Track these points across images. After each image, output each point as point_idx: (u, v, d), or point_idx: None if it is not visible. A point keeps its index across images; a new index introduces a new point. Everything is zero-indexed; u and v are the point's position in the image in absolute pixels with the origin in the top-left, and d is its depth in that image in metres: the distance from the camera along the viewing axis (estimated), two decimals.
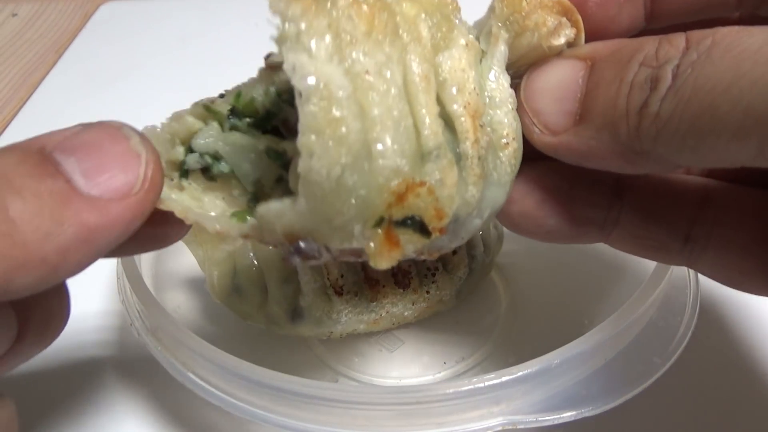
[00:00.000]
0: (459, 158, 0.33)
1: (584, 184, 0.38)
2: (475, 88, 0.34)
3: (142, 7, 1.14)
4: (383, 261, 0.32)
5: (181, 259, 0.59)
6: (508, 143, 0.35)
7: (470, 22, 0.37)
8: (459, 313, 0.58)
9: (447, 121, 0.33)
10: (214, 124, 0.36)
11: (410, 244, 0.32)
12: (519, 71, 0.37)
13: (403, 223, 0.31)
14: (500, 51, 0.35)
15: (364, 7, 0.31)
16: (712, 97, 0.28)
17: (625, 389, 0.42)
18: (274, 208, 0.31)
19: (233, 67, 0.95)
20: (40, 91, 0.95)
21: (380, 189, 0.30)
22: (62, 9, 1.14)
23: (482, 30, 0.36)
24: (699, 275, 0.48)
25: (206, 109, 0.36)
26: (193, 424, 0.52)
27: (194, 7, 1.12)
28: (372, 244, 0.31)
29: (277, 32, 0.30)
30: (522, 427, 0.41)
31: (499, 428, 0.41)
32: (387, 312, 0.54)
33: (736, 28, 0.29)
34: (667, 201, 0.39)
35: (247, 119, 0.36)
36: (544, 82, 0.36)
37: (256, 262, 0.54)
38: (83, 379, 0.56)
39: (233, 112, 0.36)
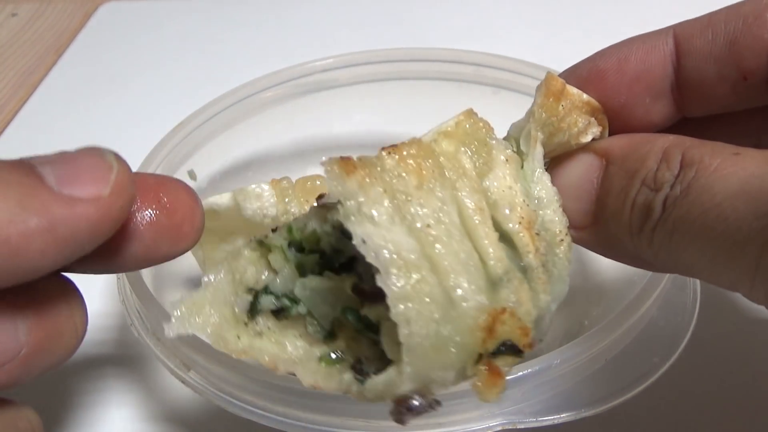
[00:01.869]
0: (525, 271, 0.35)
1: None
2: (524, 200, 0.35)
3: (142, 7, 1.14)
4: (492, 395, 0.33)
5: (181, 259, 0.58)
6: (562, 240, 0.36)
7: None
8: None
9: (506, 239, 0.35)
10: (287, 268, 0.37)
11: (507, 367, 0.33)
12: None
13: (498, 351, 0.33)
14: (539, 152, 0.37)
15: (410, 161, 0.33)
16: (688, 239, 0.31)
17: (625, 389, 0.42)
18: (382, 381, 0.32)
19: (233, 67, 0.96)
20: (40, 91, 0.95)
21: (472, 330, 0.31)
22: (62, 9, 1.14)
23: (521, 132, 0.37)
24: None
25: (260, 245, 0.37)
26: (193, 424, 0.52)
27: (194, 8, 1.12)
28: (479, 383, 0.32)
29: (340, 210, 0.32)
30: (522, 427, 0.41)
31: (499, 428, 0.41)
32: None
33: (719, 160, 0.31)
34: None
35: (312, 254, 0.36)
36: (565, 179, 0.37)
37: None
38: (83, 379, 0.56)
39: (291, 245, 0.37)
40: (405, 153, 0.33)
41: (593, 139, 0.38)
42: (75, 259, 0.32)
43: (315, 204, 0.37)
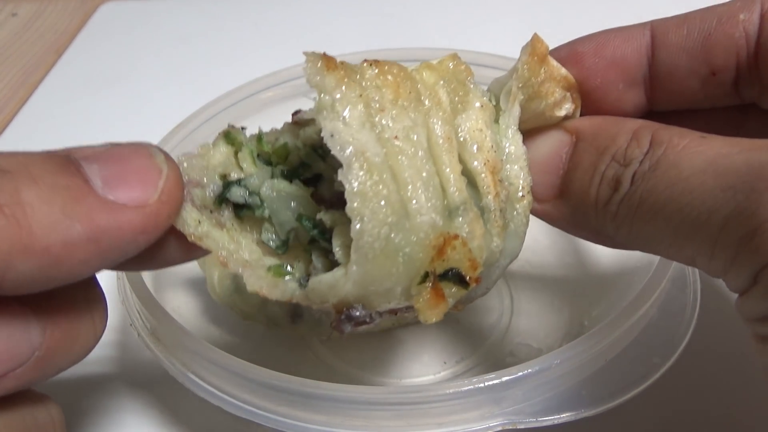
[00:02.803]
0: (483, 212, 0.36)
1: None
2: (492, 146, 0.36)
3: (142, 7, 1.14)
4: (433, 315, 0.34)
5: None
6: (523, 196, 0.38)
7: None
8: (459, 313, 0.58)
9: (469, 178, 0.36)
10: (266, 169, 0.38)
11: (451, 297, 0.34)
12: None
13: (445, 276, 0.34)
14: (516, 110, 0.38)
15: (389, 77, 0.34)
16: (653, 211, 0.33)
17: (625, 389, 0.42)
18: (326, 280, 0.33)
19: (233, 67, 0.96)
20: (40, 91, 0.95)
21: (422, 244, 0.32)
22: (62, 9, 1.14)
23: (502, 88, 0.39)
24: (699, 275, 0.48)
25: (226, 137, 0.38)
26: (193, 424, 0.52)
27: (194, 7, 1.12)
28: (422, 300, 0.33)
29: (314, 103, 0.33)
30: (522, 427, 0.41)
31: (499, 428, 0.41)
32: None
33: (687, 139, 0.33)
34: None
35: (280, 166, 0.38)
36: (535, 152, 0.39)
37: None
38: (83, 379, 0.56)
39: (259, 155, 0.38)
40: (386, 68, 0.34)
41: (565, 117, 0.40)
42: (114, 266, 0.31)
43: (290, 120, 0.38)
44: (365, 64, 0.34)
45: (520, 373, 0.40)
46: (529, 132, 0.39)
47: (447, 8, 1.06)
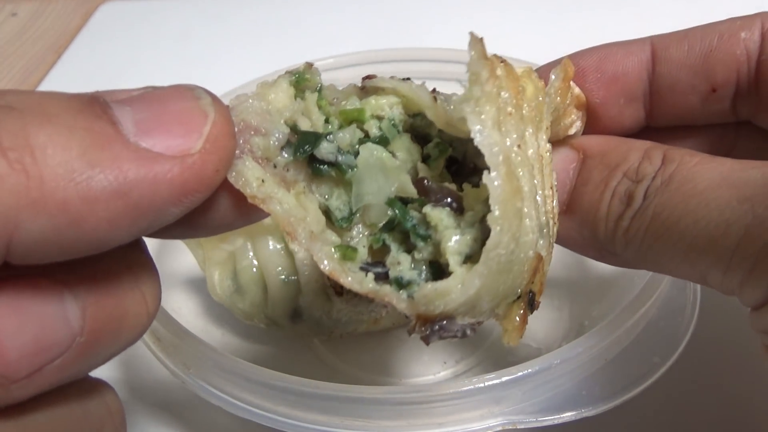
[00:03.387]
0: (549, 235, 0.35)
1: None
2: (552, 171, 0.35)
3: (142, 7, 1.14)
4: (517, 338, 0.32)
5: (181, 259, 0.59)
6: (555, 222, 0.36)
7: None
8: None
9: None
10: (351, 128, 0.34)
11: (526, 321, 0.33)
12: None
13: (527, 298, 0.32)
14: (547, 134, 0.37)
15: (511, 80, 0.32)
16: (666, 226, 0.32)
17: (625, 389, 0.42)
18: (441, 288, 0.29)
19: (233, 67, 0.96)
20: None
21: (527, 263, 0.31)
22: (62, 9, 1.14)
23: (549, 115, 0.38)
24: None
25: (299, 79, 0.34)
26: (194, 424, 0.52)
27: (194, 8, 1.12)
28: (512, 321, 0.32)
29: (464, 90, 0.31)
30: (522, 427, 0.41)
31: (499, 428, 0.41)
32: (387, 312, 0.54)
33: (698, 157, 0.33)
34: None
35: (353, 129, 0.34)
36: None
37: (256, 263, 0.54)
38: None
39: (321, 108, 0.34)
40: (510, 70, 0.32)
41: (575, 134, 0.39)
42: (154, 230, 0.25)
43: (359, 85, 0.35)
44: (496, 59, 0.32)
45: (520, 373, 0.40)
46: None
47: (447, 8, 1.06)
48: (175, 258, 0.59)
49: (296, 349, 0.56)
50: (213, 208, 0.28)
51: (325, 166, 0.33)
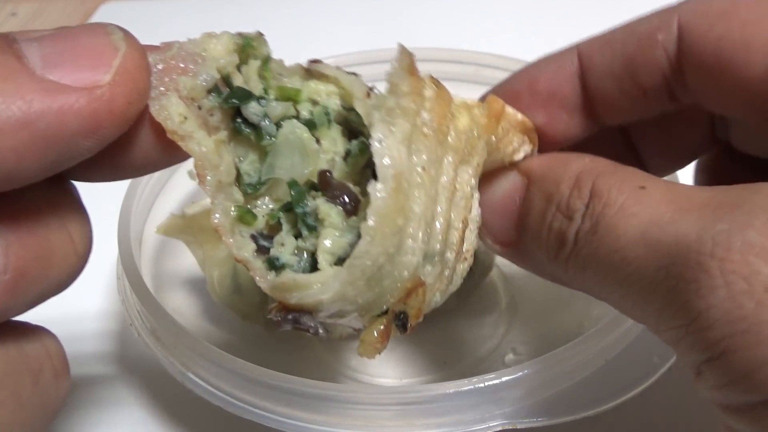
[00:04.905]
0: (443, 265, 0.35)
1: None
2: (471, 206, 0.36)
3: (142, 7, 1.14)
4: (373, 352, 0.32)
5: (181, 259, 0.59)
6: (466, 258, 0.37)
7: None
8: (459, 313, 0.58)
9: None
10: (285, 104, 0.34)
11: (391, 337, 0.33)
12: None
13: (396, 317, 0.32)
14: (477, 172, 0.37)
15: (441, 105, 0.33)
16: (599, 276, 0.32)
17: (625, 389, 0.42)
18: (301, 280, 0.31)
19: None
20: None
21: (400, 283, 0.31)
22: (62, 9, 1.14)
23: (485, 152, 0.37)
24: None
25: (247, 45, 0.34)
26: (193, 424, 0.52)
27: (194, 8, 1.12)
28: (371, 334, 0.32)
29: (376, 99, 0.32)
30: (522, 426, 0.41)
31: (499, 428, 0.41)
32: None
33: (624, 196, 0.32)
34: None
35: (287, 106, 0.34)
36: (490, 195, 0.38)
37: None
38: (83, 379, 0.56)
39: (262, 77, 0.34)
40: (443, 95, 0.33)
41: (524, 157, 0.39)
42: (68, 165, 0.26)
43: (305, 65, 0.35)
44: (429, 81, 0.33)
45: (520, 373, 0.40)
46: (485, 175, 0.38)
47: (447, 8, 1.05)
48: (175, 258, 0.59)
49: (296, 349, 0.56)
50: (135, 145, 0.28)
51: (248, 127, 0.34)
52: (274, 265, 0.32)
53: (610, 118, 0.40)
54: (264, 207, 0.35)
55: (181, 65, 0.31)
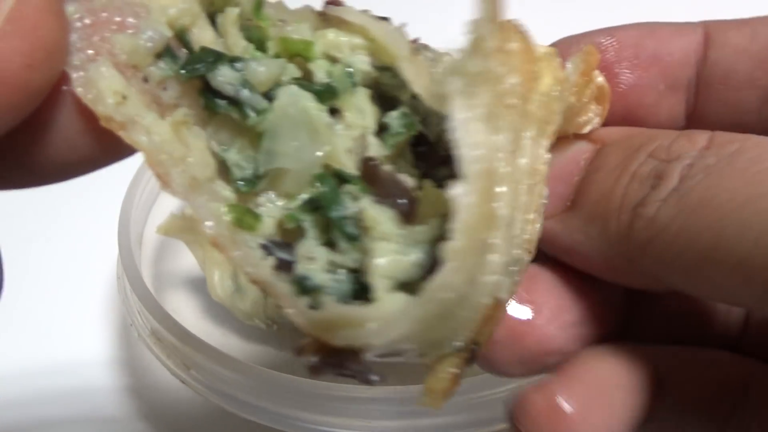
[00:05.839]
0: (520, 272, 0.26)
1: (627, 384, 0.29)
2: (544, 187, 0.27)
3: None
4: (440, 401, 0.25)
5: (181, 259, 0.59)
6: (531, 251, 0.27)
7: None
8: None
9: None
10: (278, 61, 0.25)
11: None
12: None
13: (465, 349, 0.24)
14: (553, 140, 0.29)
15: (523, 62, 0.24)
16: (721, 214, 0.23)
17: None
18: (355, 315, 0.22)
19: None
20: None
21: (477, 311, 0.23)
22: None
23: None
24: None
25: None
26: (193, 424, 0.52)
27: None
28: (439, 379, 0.24)
29: (459, 61, 0.23)
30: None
31: (500, 429, 0.41)
32: None
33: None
34: (710, 388, 0.30)
35: (290, 68, 0.26)
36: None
37: None
38: (83, 379, 0.56)
39: (246, 31, 0.26)
40: (526, 48, 0.25)
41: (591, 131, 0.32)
42: None
43: (318, 8, 0.27)
44: (513, 27, 0.24)
45: None
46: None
47: (447, 8, 1.06)
48: (175, 258, 0.59)
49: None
50: (52, 135, 0.21)
51: (223, 101, 0.24)
52: (305, 288, 0.23)
53: (711, 114, 0.33)
54: (270, 205, 0.26)
55: (117, 18, 0.22)
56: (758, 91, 0.31)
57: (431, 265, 0.22)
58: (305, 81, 0.26)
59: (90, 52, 0.22)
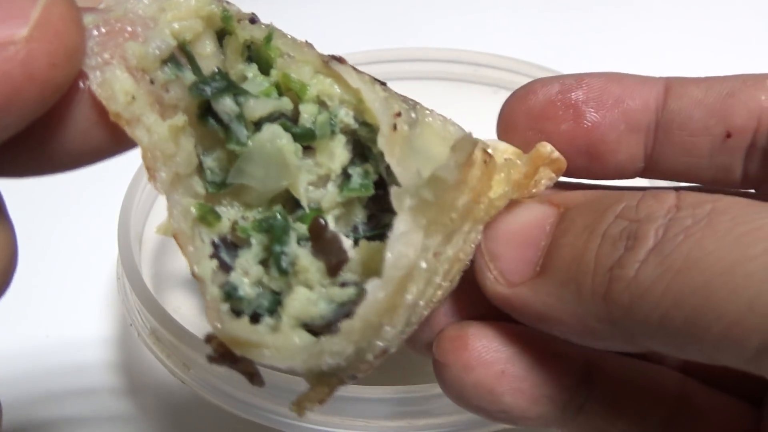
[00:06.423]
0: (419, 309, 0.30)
1: (551, 358, 0.31)
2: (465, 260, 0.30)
3: None
4: (303, 413, 0.30)
5: (181, 259, 0.58)
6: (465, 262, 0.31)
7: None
8: None
9: None
10: (276, 99, 0.29)
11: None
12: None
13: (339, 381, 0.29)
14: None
15: (480, 186, 0.28)
16: (709, 277, 0.23)
17: None
18: (254, 338, 0.26)
19: None
20: None
21: (361, 363, 0.27)
22: None
23: None
24: None
25: (225, 21, 0.28)
26: (194, 424, 0.52)
27: None
28: (315, 401, 0.29)
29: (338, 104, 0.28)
30: (522, 426, 0.41)
31: (499, 428, 0.41)
32: None
33: (743, 199, 0.25)
34: (641, 395, 0.32)
35: (284, 100, 0.29)
36: (508, 224, 0.31)
37: None
38: (83, 379, 0.56)
39: (250, 59, 0.29)
40: (488, 171, 0.28)
41: (545, 188, 0.33)
42: None
43: (324, 56, 0.30)
44: (481, 155, 0.27)
45: None
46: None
47: (447, 8, 1.06)
48: (175, 258, 0.59)
49: None
50: (69, 126, 0.24)
51: (216, 122, 0.28)
52: (230, 296, 0.27)
53: (663, 159, 0.35)
54: (231, 209, 0.29)
55: (129, 29, 0.26)
56: (711, 138, 0.33)
57: (335, 318, 0.26)
58: (291, 119, 0.29)
59: (106, 56, 0.25)
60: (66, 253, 0.64)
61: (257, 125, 0.28)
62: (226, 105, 0.27)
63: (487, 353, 0.31)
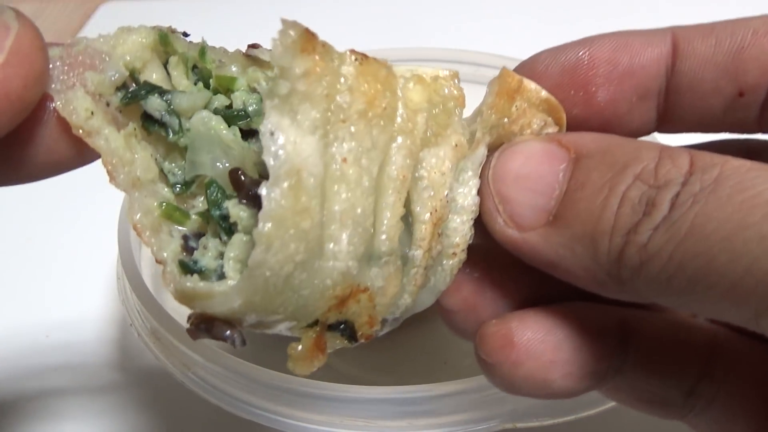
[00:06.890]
0: (405, 262, 0.31)
1: (593, 335, 0.32)
2: (447, 194, 0.31)
3: (142, 7, 1.14)
4: (304, 367, 0.30)
5: None
6: (455, 253, 0.32)
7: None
8: None
9: (406, 221, 0.31)
10: (204, 93, 0.32)
11: (332, 349, 0.30)
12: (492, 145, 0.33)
13: (335, 327, 0.30)
14: (479, 154, 0.32)
15: (367, 84, 0.28)
16: (710, 243, 0.24)
17: None
18: (202, 290, 0.28)
19: None
20: None
21: (324, 292, 0.28)
22: (62, 9, 1.14)
23: (466, 130, 0.33)
24: None
25: (162, 40, 0.33)
26: (194, 424, 0.52)
27: (194, 7, 1.12)
28: (300, 347, 0.29)
29: (266, 84, 0.29)
30: (521, 426, 0.41)
31: (499, 428, 0.41)
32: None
33: (747, 163, 0.25)
34: (675, 351, 0.33)
35: (220, 96, 0.32)
36: (519, 167, 0.31)
37: None
38: (83, 379, 0.56)
39: (195, 69, 0.33)
40: (369, 71, 0.29)
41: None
42: None
43: (244, 51, 0.33)
44: (349, 56, 0.29)
45: None
46: (496, 147, 0.33)
47: (447, 7, 1.06)
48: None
49: None
50: (37, 139, 0.28)
51: (155, 123, 0.32)
52: (189, 269, 0.30)
53: (679, 119, 0.35)
54: (200, 206, 0.32)
55: (88, 60, 0.30)
56: (722, 97, 0.33)
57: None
58: (228, 108, 0.32)
59: (69, 82, 0.29)
60: (66, 254, 0.64)
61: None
62: (154, 103, 0.31)
63: (533, 345, 0.31)
